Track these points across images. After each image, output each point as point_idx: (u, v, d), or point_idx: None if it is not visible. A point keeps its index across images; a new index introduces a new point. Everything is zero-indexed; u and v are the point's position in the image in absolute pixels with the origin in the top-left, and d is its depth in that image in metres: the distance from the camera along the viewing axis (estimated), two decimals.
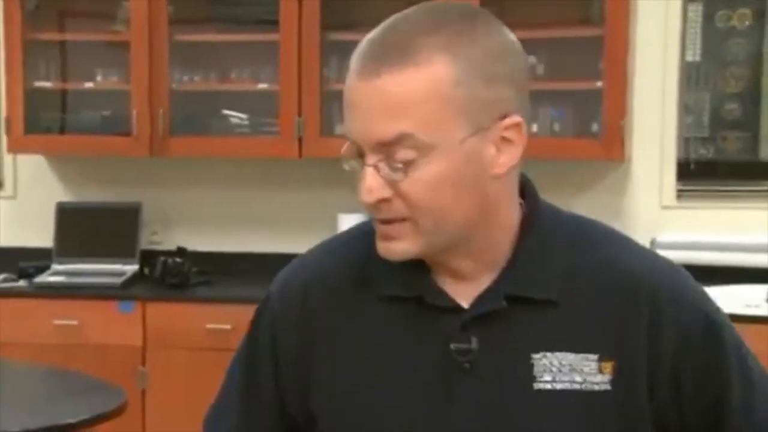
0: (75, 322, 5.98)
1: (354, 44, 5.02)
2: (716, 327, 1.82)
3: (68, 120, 6.57)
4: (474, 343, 1.73)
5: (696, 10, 6.05)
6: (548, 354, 1.74)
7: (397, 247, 1.71)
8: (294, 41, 6.00)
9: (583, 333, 1.75)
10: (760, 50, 6.05)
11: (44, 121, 6.51)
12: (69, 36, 6.59)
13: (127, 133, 6.19)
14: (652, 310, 1.76)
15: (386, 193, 1.66)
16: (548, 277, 1.76)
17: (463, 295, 1.77)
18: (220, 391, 2.04)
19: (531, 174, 1.87)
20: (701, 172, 6.10)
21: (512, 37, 1.77)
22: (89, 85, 6.47)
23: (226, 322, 5.77)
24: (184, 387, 5.80)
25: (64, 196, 6.61)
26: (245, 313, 6.40)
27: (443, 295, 1.77)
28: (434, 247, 1.72)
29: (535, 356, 1.74)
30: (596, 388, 1.74)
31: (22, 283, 6.25)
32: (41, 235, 6.47)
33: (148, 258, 6.27)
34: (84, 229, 6.47)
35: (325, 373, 1.84)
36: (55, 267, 6.35)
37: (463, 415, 1.75)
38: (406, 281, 1.78)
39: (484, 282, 1.77)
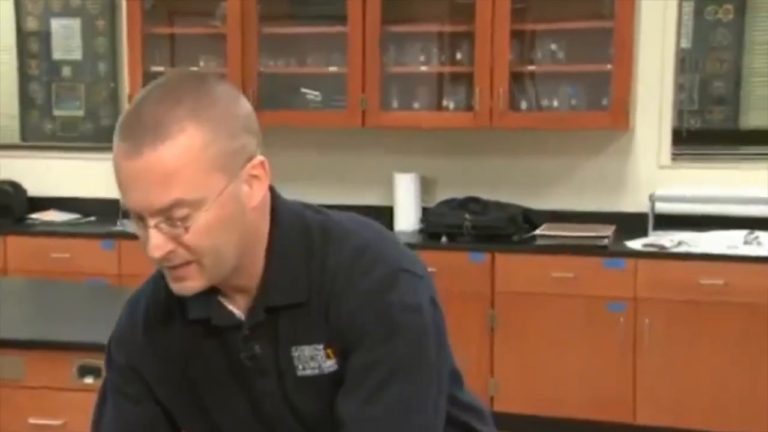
0: None
1: (408, 35, 5.03)
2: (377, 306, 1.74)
3: None
4: (257, 349, 1.77)
5: (688, 6, 6.08)
6: (298, 347, 1.75)
7: (188, 285, 1.69)
8: (359, 33, 5.96)
9: (313, 326, 1.75)
10: (741, 39, 6.10)
11: None
12: (177, 30, 6.58)
13: None
14: (338, 296, 1.74)
15: (170, 246, 1.63)
16: (294, 283, 1.75)
17: (242, 305, 1.79)
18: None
19: (553, 141, 1.80)
20: (692, 139, 6.09)
21: (232, 88, 1.74)
22: (194, 68, 6.41)
23: None
24: None
25: None
26: None
27: (226, 314, 1.78)
28: (217, 278, 1.71)
29: (293, 350, 1.76)
30: (328, 370, 1.76)
31: None
32: None
33: None
34: None
35: (161, 385, 1.89)
36: None
37: (260, 403, 1.80)
38: (200, 306, 1.78)
39: (251, 292, 1.78)
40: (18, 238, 6.29)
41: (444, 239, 5.83)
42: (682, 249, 5.43)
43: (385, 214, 6.03)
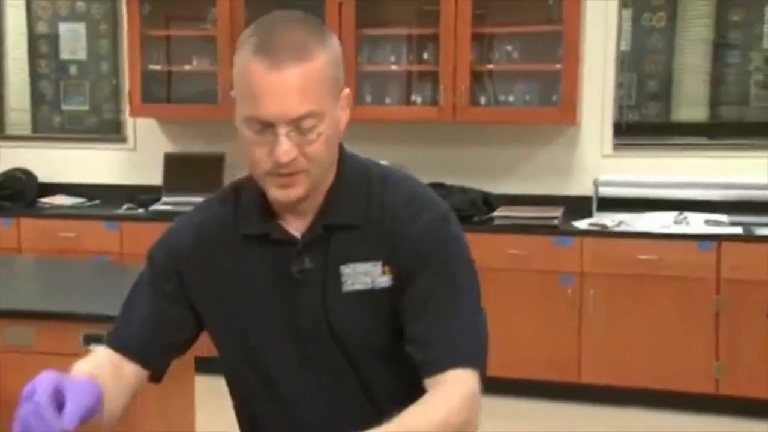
0: None
1: (380, 38, 4.99)
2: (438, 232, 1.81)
3: (173, 93, 6.55)
4: (307, 263, 1.76)
5: (627, 13, 6.20)
6: (349, 264, 1.76)
7: (293, 192, 1.70)
8: (336, 35, 5.82)
9: (370, 247, 1.76)
10: (672, 42, 6.26)
11: (155, 93, 6.47)
12: (172, 32, 6.54)
13: (215, 102, 6.20)
14: (402, 226, 1.78)
15: (294, 153, 1.65)
16: (351, 208, 1.77)
17: (298, 228, 1.78)
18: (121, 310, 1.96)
19: (509, 133, 1.83)
20: (631, 131, 6.16)
21: None
22: (187, 67, 6.48)
23: None
24: None
25: (170, 148, 6.59)
26: None
27: (283, 231, 1.77)
28: (311, 190, 1.73)
29: (342, 267, 1.76)
30: (380, 286, 1.76)
31: (140, 210, 6.25)
32: (153, 177, 6.47)
33: None
34: (184, 171, 6.45)
35: (203, 294, 1.85)
36: (164, 199, 6.34)
37: (301, 315, 1.76)
38: (257, 224, 1.78)
39: (309, 216, 1.78)
40: (30, 220, 6.27)
41: None
42: (622, 228, 5.45)
43: None
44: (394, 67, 6.15)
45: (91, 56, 6.78)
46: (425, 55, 6.05)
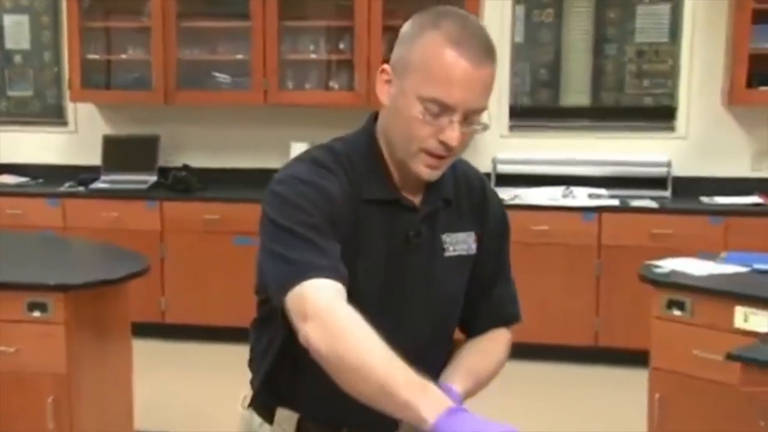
0: (116, 214, 5.94)
1: (301, 29, 4.97)
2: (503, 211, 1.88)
3: (111, 80, 6.45)
4: (424, 230, 1.71)
5: (520, 9, 6.23)
6: (451, 234, 1.75)
7: (437, 172, 1.65)
8: (260, 27, 5.93)
9: (465, 218, 1.77)
10: (559, 36, 6.28)
11: (94, 80, 6.36)
12: (111, 24, 6.41)
13: (149, 89, 6.13)
14: (488, 200, 1.82)
15: (460, 139, 1.60)
16: (447, 185, 1.74)
17: (414, 198, 1.72)
18: (283, 252, 1.58)
19: None
20: (524, 114, 6.19)
21: None
22: (124, 56, 6.38)
23: (215, 213, 5.88)
24: (188, 257, 5.88)
25: (108, 130, 6.48)
26: (228, 209, 6.45)
27: (408, 200, 1.70)
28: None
29: (443, 236, 1.74)
30: (471, 252, 1.78)
31: (81, 188, 6.15)
32: (93, 157, 6.36)
33: (163, 172, 6.20)
34: (121, 152, 6.35)
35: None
36: (103, 178, 6.25)
37: (402, 278, 1.71)
38: (385, 190, 1.69)
39: (421, 189, 1.72)
40: None
41: None
42: (516, 201, 5.49)
43: None
44: (313, 56, 6.12)
45: (35, 46, 6.68)
46: (341, 46, 6.06)
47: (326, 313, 1.48)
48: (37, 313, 3.49)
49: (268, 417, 1.78)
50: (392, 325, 1.62)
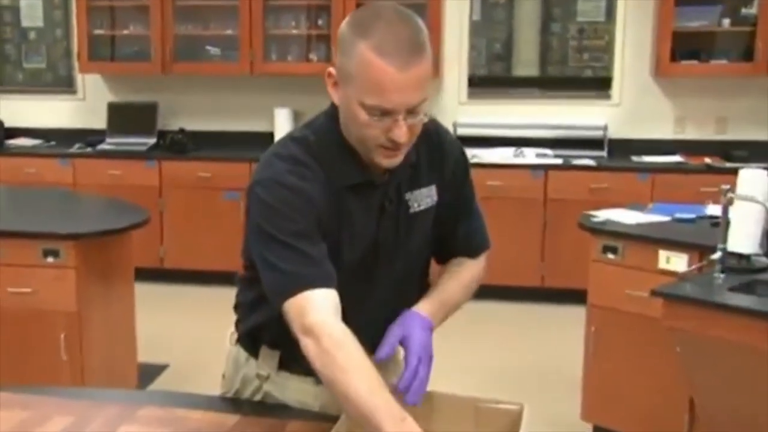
0: (120, 172, 5.90)
1: (284, 7, 4.93)
2: (464, 156, 1.80)
3: (114, 53, 6.35)
4: (392, 197, 1.66)
5: None
6: (414, 192, 1.69)
7: (396, 159, 1.57)
8: (248, 5, 5.87)
9: (425, 174, 1.70)
10: (511, 15, 6.31)
11: (100, 53, 6.28)
12: (114, 2, 6.26)
13: (148, 60, 6.06)
14: (444, 150, 1.74)
15: (408, 133, 1.53)
16: (410, 151, 1.63)
17: (384, 174, 1.65)
18: (276, 262, 1.55)
19: None
20: (481, 83, 6.14)
21: None
22: (126, 32, 6.27)
23: (207, 171, 5.83)
24: (183, 210, 5.85)
25: (112, 97, 6.40)
26: (219, 167, 6.41)
27: (380, 176, 1.63)
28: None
29: (407, 194, 1.68)
30: (433, 202, 1.72)
31: (89, 149, 6.10)
32: (99, 122, 6.31)
33: (162, 135, 6.15)
34: (124, 117, 6.28)
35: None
36: (107, 140, 6.19)
37: (382, 236, 1.67)
38: (357, 174, 1.61)
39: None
40: None
41: None
42: (474, 161, 5.47)
43: (267, 139, 6.00)
44: (294, 32, 6.06)
45: (47, 24, 6.60)
46: (320, 22, 5.99)
47: (321, 331, 1.47)
48: (50, 259, 3.48)
49: (254, 353, 1.79)
50: (370, 284, 1.69)
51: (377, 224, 1.66)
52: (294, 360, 1.67)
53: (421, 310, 1.67)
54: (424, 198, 1.71)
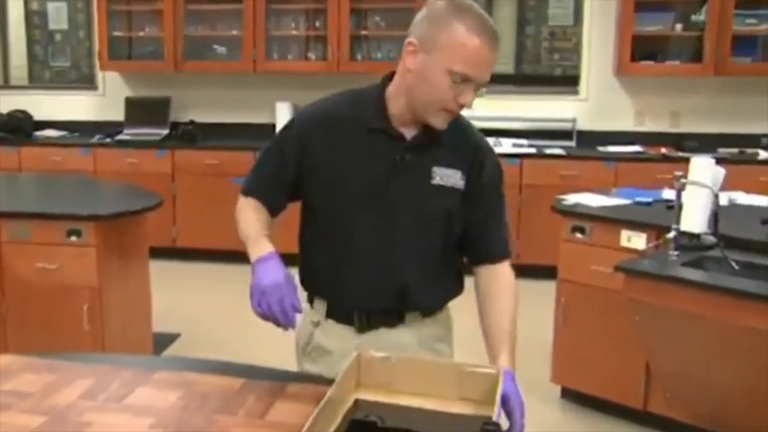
0: (136, 161, 5.87)
1: (284, 10, 4.90)
2: (500, 169, 1.82)
3: (131, 52, 6.30)
4: (408, 157, 1.71)
5: None
6: (440, 168, 1.71)
7: (447, 123, 1.67)
8: (251, 8, 5.84)
9: (454, 159, 1.73)
10: (490, 8, 6.26)
11: (118, 53, 6.23)
12: (131, 7, 6.22)
13: (162, 59, 6.03)
14: (480, 153, 1.77)
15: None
16: (445, 131, 1.70)
17: (407, 133, 1.72)
18: (252, 169, 1.85)
19: (366, 81, 1.81)
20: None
21: None
22: (141, 34, 6.22)
23: (215, 159, 5.82)
24: (194, 194, 5.82)
25: (129, 93, 6.37)
26: (226, 155, 6.38)
27: (397, 131, 1.71)
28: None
29: (434, 167, 1.71)
30: (457, 186, 1.72)
31: (108, 140, 6.06)
32: (117, 115, 6.28)
33: (174, 126, 6.12)
34: (140, 110, 6.24)
35: (320, 164, 1.74)
36: (125, 131, 6.15)
37: (394, 194, 1.71)
38: (381, 122, 1.71)
39: (416, 128, 1.72)
40: (27, 148, 6.07)
41: None
42: None
43: (269, 130, 5.99)
44: (294, 32, 6.02)
45: (71, 27, 6.65)
46: (317, 24, 5.95)
47: (240, 203, 1.84)
48: (74, 238, 3.47)
49: (311, 301, 1.84)
50: (381, 226, 1.71)
51: (390, 174, 1.70)
52: (339, 309, 1.78)
53: (504, 364, 1.65)
54: (447, 177, 1.72)
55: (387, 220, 1.71)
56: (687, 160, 2.93)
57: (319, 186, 1.75)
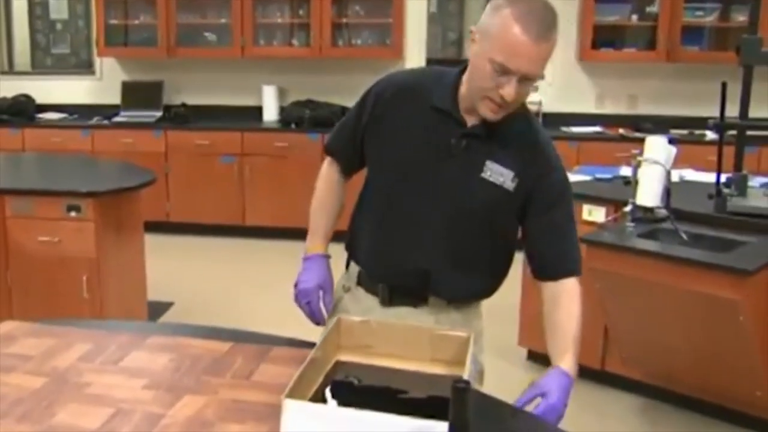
0: (131, 141, 5.80)
1: (266, 1, 4.80)
2: (567, 187, 1.66)
3: (127, 39, 6.20)
4: (462, 143, 1.60)
5: None
6: (494, 163, 1.59)
7: (497, 116, 1.54)
8: None
9: (510, 159, 1.60)
10: (463, 8, 6.36)
11: (115, 40, 6.13)
12: None
13: (155, 45, 5.95)
14: (548, 167, 1.63)
15: (515, 96, 1.50)
16: (509, 126, 1.58)
17: (469, 120, 1.60)
18: (336, 126, 1.81)
19: (358, 65, 1.80)
20: (437, 64, 5.93)
21: None
22: (137, 21, 6.12)
23: (206, 139, 5.74)
24: (186, 172, 5.75)
25: (125, 77, 6.27)
26: (215, 136, 6.31)
27: (460, 116, 1.60)
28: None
29: (487, 161, 1.59)
30: (506, 187, 1.59)
31: (105, 122, 5.98)
32: (114, 98, 6.19)
33: (167, 108, 6.04)
34: (135, 94, 6.16)
35: (382, 130, 1.67)
36: (122, 114, 6.08)
37: (441, 176, 1.61)
38: (448, 104, 1.60)
39: (478, 118, 1.58)
40: (30, 130, 5.98)
41: (293, 126, 5.71)
42: None
43: (256, 111, 5.95)
44: (279, 20, 5.95)
45: (71, 16, 6.52)
46: (301, 12, 5.89)
47: (323, 168, 1.84)
48: (73, 213, 3.43)
49: (347, 266, 1.82)
50: (420, 205, 1.63)
51: (443, 156, 1.61)
52: (366, 278, 1.74)
53: (566, 367, 1.56)
54: (497, 174, 1.60)
55: (426, 200, 1.63)
56: (643, 140, 2.94)
57: (374, 150, 1.69)
